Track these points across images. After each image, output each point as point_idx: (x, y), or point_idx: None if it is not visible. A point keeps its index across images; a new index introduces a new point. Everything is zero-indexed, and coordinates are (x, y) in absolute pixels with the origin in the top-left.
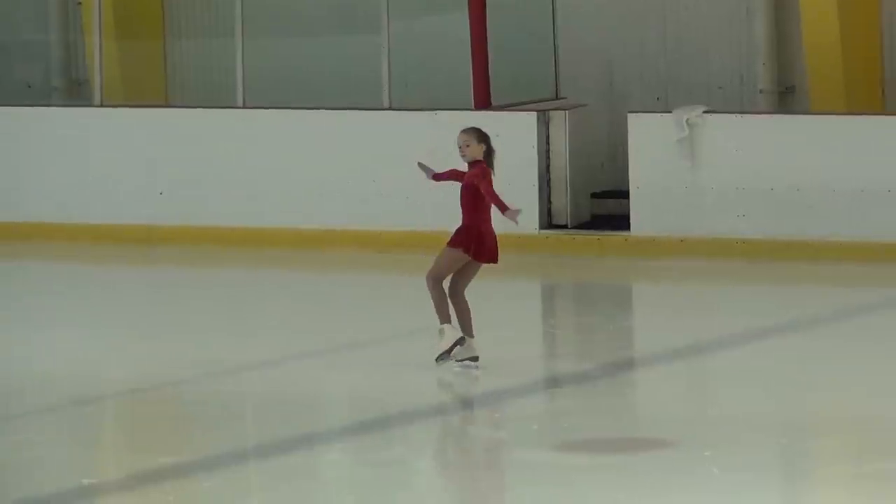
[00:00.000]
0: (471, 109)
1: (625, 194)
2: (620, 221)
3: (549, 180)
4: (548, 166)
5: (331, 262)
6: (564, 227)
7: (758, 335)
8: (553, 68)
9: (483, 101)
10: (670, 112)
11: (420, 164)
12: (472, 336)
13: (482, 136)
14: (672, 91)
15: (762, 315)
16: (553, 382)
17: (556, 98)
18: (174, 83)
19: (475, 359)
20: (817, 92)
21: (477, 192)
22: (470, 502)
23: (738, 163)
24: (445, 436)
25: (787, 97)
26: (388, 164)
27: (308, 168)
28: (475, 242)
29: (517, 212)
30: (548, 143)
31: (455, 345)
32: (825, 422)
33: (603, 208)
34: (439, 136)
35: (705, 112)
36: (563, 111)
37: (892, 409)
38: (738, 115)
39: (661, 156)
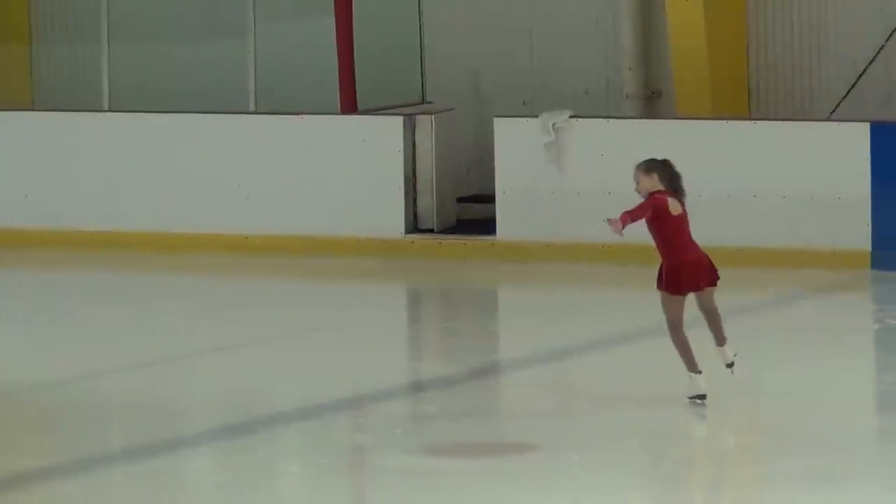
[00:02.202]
0: (337, 114)
1: (491, 199)
2: (487, 226)
3: (415, 185)
4: (414, 171)
5: (197, 266)
6: (430, 231)
7: (624, 339)
8: (420, 73)
9: (349, 106)
10: (536, 117)
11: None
12: (722, 343)
13: (650, 166)
14: (538, 96)
15: (628, 319)
16: (418, 387)
17: (423, 103)
18: (40, 87)
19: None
20: (683, 97)
21: (654, 225)
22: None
23: (604, 167)
24: (310, 440)
25: (653, 102)
26: (254, 169)
27: (173, 173)
28: (669, 279)
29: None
30: (414, 148)
31: (697, 397)
32: (690, 425)
33: (469, 213)
34: (305, 140)
35: (571, 117)
36: (429, 115)
37: (754, 413)
38: (605, 120)
39: (527, 160)
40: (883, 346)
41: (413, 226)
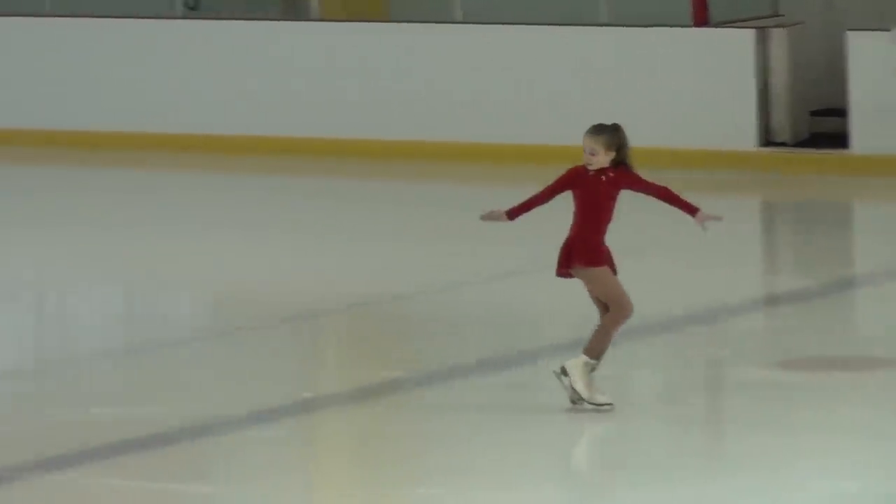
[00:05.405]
0: (688, 26)
1: (843, 112)
2: (839, 139)
3: (767, 98)
4: (766, 84)
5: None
6: (783, 144)
7: None
8: None
9: (702, 18)
10: (889, 30)
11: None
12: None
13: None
14: (891, 8)
15: None
16: (774, 300)
17: (775, 15)
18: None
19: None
20: None
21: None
22: (691, 417)
23: None
24: (666, 352)
25: None
26: (603, 80)
27: (520, 84)
28: None
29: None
30: (766, 61)
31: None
32: None
33: (822, 126)
34: (659, 52)
35: None
36: (782, 28)
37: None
38: None
39: (880, 74)
40: None
41: (765, 139)
